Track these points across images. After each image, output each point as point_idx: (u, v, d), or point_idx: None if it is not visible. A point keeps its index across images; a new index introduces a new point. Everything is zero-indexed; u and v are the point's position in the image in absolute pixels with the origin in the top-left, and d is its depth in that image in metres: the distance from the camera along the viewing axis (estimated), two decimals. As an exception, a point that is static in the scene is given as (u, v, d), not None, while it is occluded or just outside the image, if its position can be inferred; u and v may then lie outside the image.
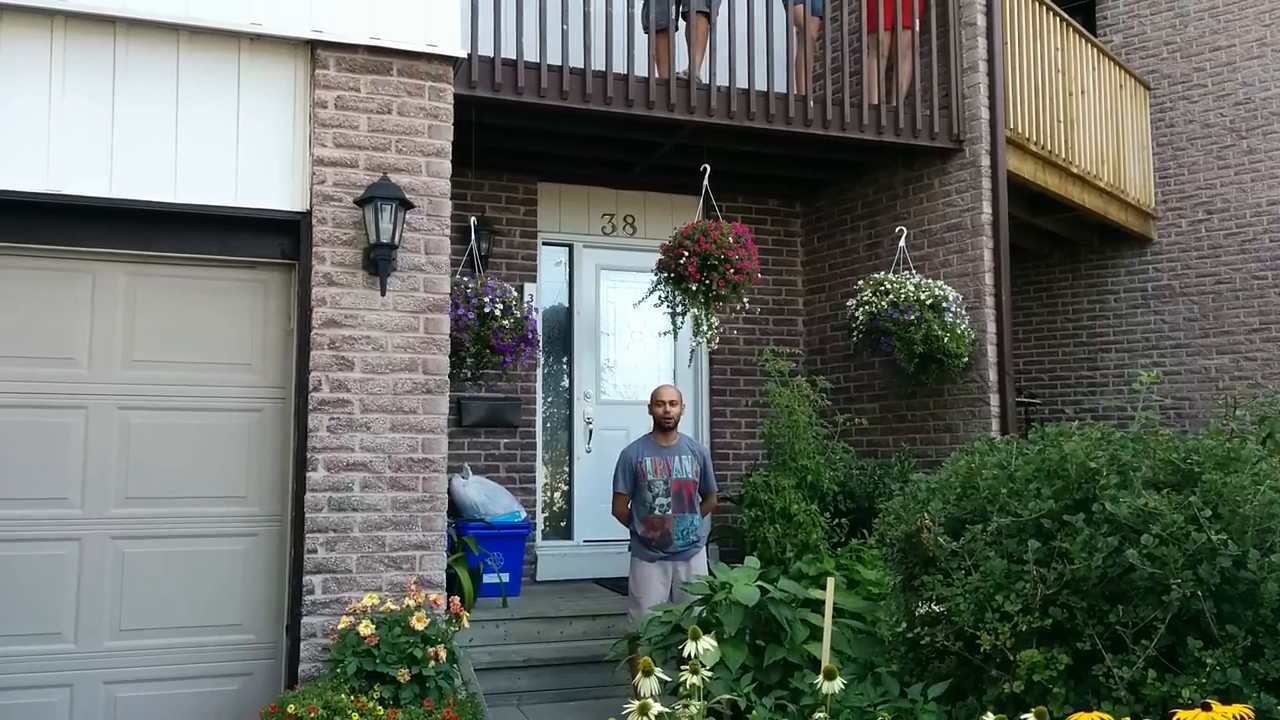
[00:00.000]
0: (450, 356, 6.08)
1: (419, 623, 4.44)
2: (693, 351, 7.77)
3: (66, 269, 4.75)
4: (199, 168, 4.80)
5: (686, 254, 6.21)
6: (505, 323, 6.16)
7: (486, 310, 6.09)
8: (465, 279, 6.25)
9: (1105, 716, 2.65)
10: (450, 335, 5.85)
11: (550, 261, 7.93)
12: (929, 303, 6.64)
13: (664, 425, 5.91)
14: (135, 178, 4.71)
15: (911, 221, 7.45)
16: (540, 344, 7.47)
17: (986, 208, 7.02)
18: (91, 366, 4.76)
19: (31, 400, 4.64)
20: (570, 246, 7.99)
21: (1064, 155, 8.16)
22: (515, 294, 6.41)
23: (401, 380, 4.97)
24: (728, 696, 3.86)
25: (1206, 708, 2.52)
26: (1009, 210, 7.14)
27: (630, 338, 8.07)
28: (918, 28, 7.32)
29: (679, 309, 6.47)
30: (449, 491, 5.44)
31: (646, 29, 6.74)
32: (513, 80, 5.98)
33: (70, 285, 4.76)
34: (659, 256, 6.47)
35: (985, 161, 7.03)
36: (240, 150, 4.87)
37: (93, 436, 4.73)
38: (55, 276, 4.74)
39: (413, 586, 4.81)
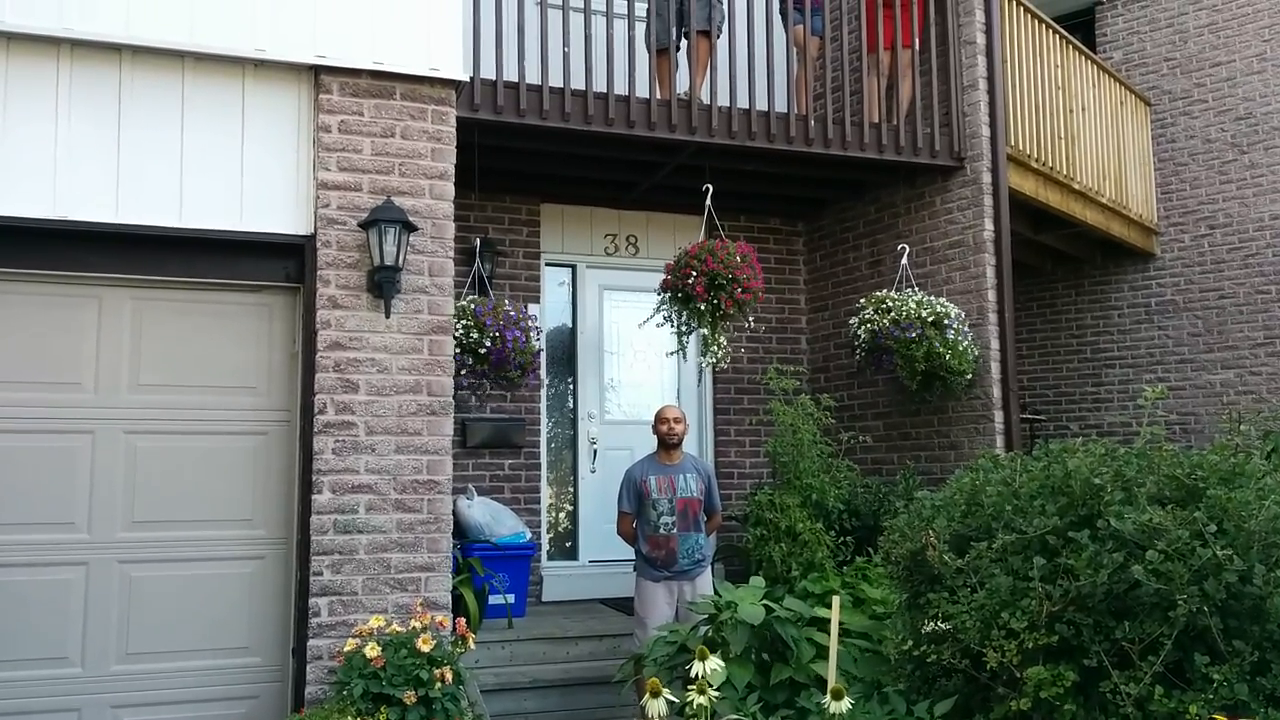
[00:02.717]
0: (489, 376, 6.23)
1: (425, 644, 4.44)
2: (700, 371, 7.78)
3: (73, 294, 4.78)
4: (204, 192, 4.83)
5: (694, 273, 6.22)
6: (537, 345, 6.46)
7: (531, 334, 6.34)
8: (506, 303, 6.38)
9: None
10: (505, 356, 6.12)
11: (554, 282, 7.96)
12: (930, 320, 6.65)
13: (668, 444, 5.91)
14: (141, 203, 4.74)
15: (914, 239, 7.47)
16: (545, 364, 7.52)
17: (988, 224, 7.04)
18: (98, 391, 4.78)
19: (38, 425, 4.66)
20: (573, 267, 8.02)
21: (1065, 171, 8.18)
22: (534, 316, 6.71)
23: (406, 402, 4.98)
24: (734, 716, 3.86)
25: (1213, 724, 2.52)
26: (1011, 227, 7.16)
27: (634, 357, 8.08)
28: (917, 46, 7.36)
29: (684, 328, 6.49)
30: (454, 513, 5.44)
31: (648, 49, 6.79)
32: (515, 103, 6.02)
33: (76, 310, 4.78)
34: (663, 276, 6.49)
35: (986, 178, 7.05)
36: (245, 174, 4.90)
37: (99, 461, 4.74)
38: (62, 301, 4.76)
39: (418, 608, 4.81)
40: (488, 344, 6.08)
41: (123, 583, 4.72)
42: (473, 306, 6.16)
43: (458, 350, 6.01)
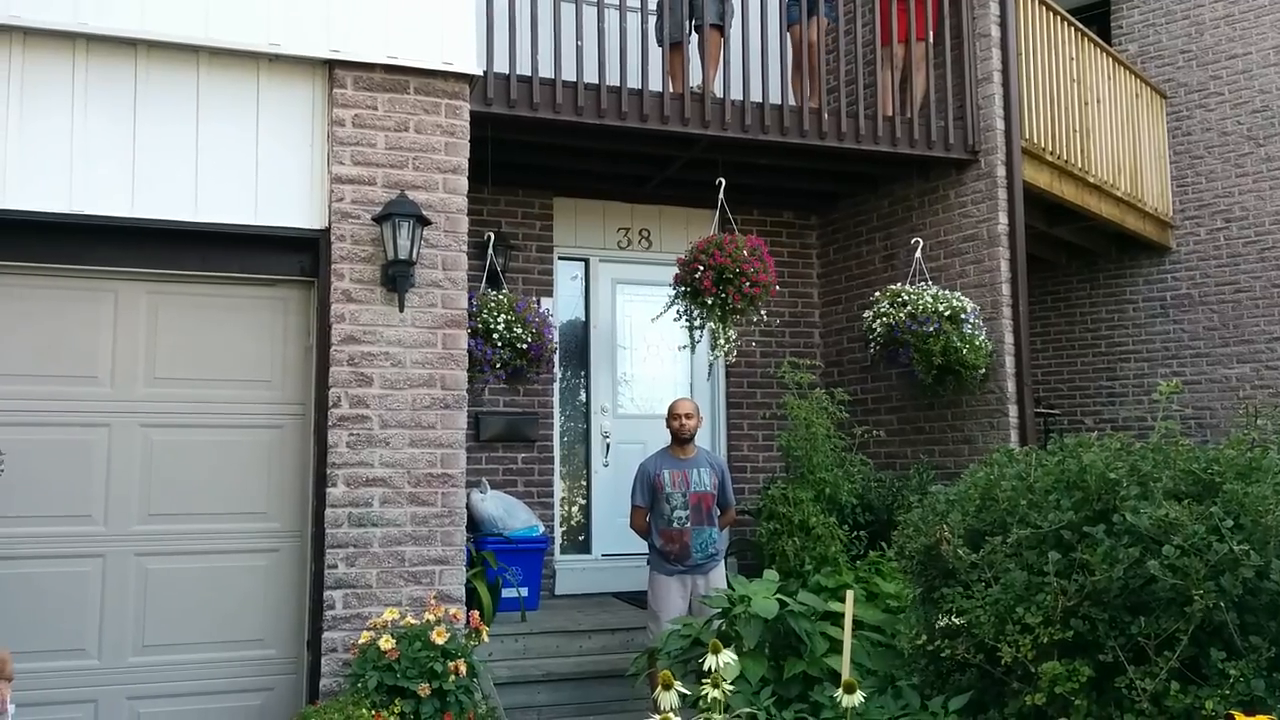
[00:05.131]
0: (524, 371, 6.48)
1: (439, 637, 4.46)
2: (710, 365, 7.77)
3: (89, 288, 4.81)
4: (219, 186, 4.85)
5: (702, 268, 6.22)
6: (555, 344, 6.70)
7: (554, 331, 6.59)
8: (533, 301, 6.48)
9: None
10: (541, 352, 6.37)
11: (566, 276, 7.96)
12: (947, 314, 6.63)
13: (681, 438, 5.91)
14: (156, 197, 4.76)
15: (927, 233, 7.44)
16: (558, 358, 7.54)
17: (1002, 218, 7.01)
18: (114, 384, 4.81)
19: (56, 418, 4.69)
20: (586, 261, 8.02)
21: (1080, 165, 8.14)
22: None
23: (420, 396, 4.99)
24: (748, 710, 3.86)
25: (1230, 719, 2.51)
26: (1025, 220, 7.13)
27: (647, 351, 8.08)
28: (931, 39, 7.33)
29: (696, 323, 6.48)
30: (467, 506, 5.46)
31: (660, 43, 6.78)
32: (528, 97, 6.02)
33: (93, 304, 4.81)
34: (675, 270, 6.48)
35: (1001, 172, 7.02)
36: (259, 169, 4.92)
37: (115, 454, 4.77)
38: (78, 295, 4.79)
39: (432, 601, 4.83)
40: (529, 339, 6.18)
41: (139, 575, 4.76)
42: (512, 302, 6.25)
43: (499, 344, 6.08)
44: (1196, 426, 9.19)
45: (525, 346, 6.22)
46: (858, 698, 3.22)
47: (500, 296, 6.30)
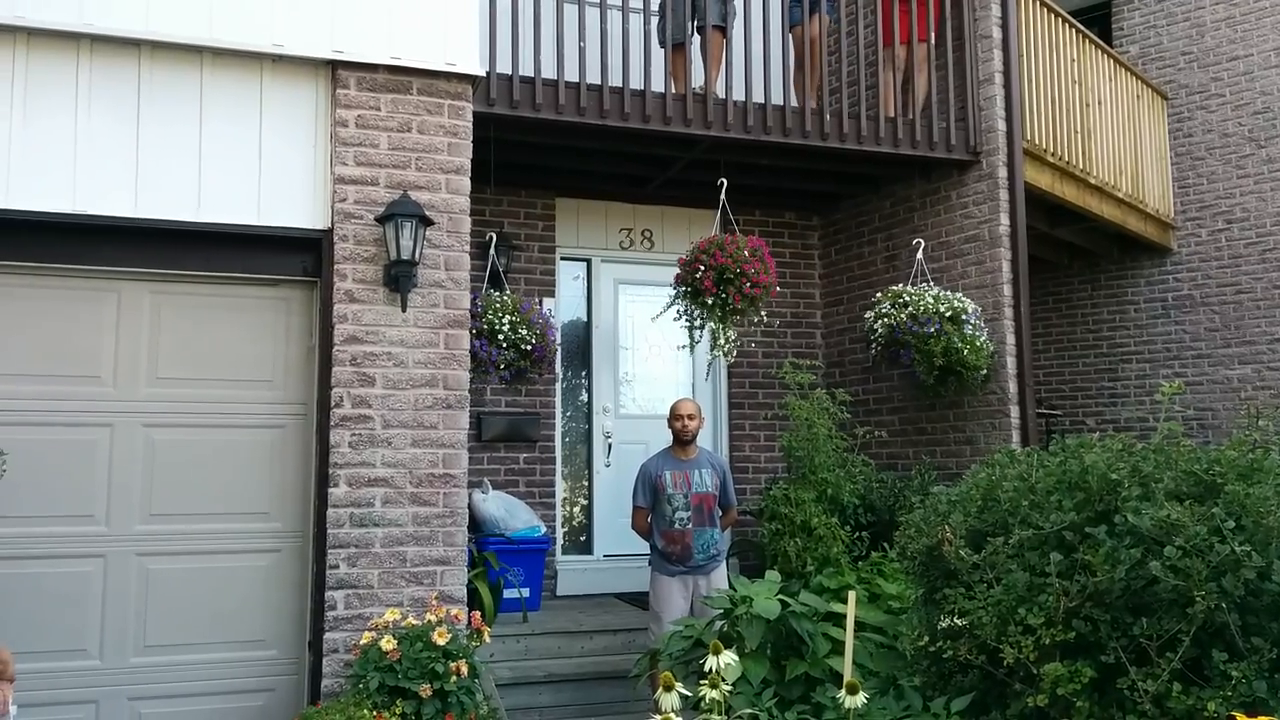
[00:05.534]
0: (527, 372, 6.51)
1: (440, 638, 4.46)
2: (709, 365, 7.78)
3: (92, 288, 4.81)
4: (222, 187, 4.86)
5: (703, 268, 6.23)
6: (557, 345, 6.78)
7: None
8: (536, 302, 6.58)
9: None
10: (544, 353, 6.42)
11: (568, 276, 7.96)
12: (948, 315, 6.63)
13: (683, 439, 5.91)
14: (159, 197, 4.77)
15: (929, 234, 7.45)
16: (560, 358, 7.55)
17: (1004, 219, 7.01)
18: (117, 384, 4.81)
19: (58, 418, 4.70)
20: (588, 261, 8.02)
21: (1081, 166, 8.14)
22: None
23: (422, 396, 5.00)
24: (749, 711, 3.86)
25: (1232, 720, 2.51)
26: (1027, 221, 7.13)
27: (649, 351, 8.08)
28: (933, 41, 7.33)
29: (696, 323, 6.49)
30: (469, 506, 5.46)
31: (663, 44, 6.78)
32: (530, 97, 6.02)
33: (96, 304, 4.82)
34: (676, 270, 6.49)
35: (1002, 173, 7.03)
36: (263, 169, 4.92)
37: (118, 454, 4.77)
38: (81, 295, 4.80)
39: (434, 601, 4.83)
40: (533, 340, 6.21)
41: (140, 575, 4.76)
42: (517, 303, 6.28)
43: (503, 345, 6.10)
44: (1198, 427, 9.19)
45: (529, 347, 6.26)
46: (860, 699, 3.22)
47: (505, 298, 6.33)
